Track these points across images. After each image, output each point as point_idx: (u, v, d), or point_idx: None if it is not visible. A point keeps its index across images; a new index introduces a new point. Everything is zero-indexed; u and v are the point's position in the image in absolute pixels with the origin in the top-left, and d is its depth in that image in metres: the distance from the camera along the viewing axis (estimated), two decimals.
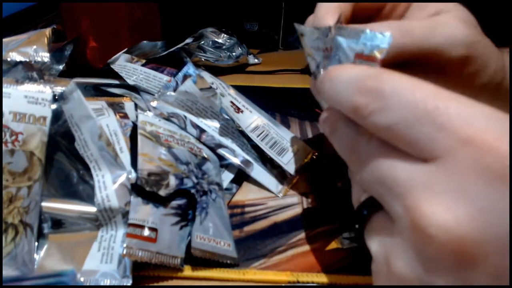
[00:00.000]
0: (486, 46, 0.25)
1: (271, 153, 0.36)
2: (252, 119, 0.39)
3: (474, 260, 0.14)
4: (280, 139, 0.38)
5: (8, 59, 0.37)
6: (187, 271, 0.27)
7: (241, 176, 0.35)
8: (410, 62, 0.24)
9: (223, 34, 0.54)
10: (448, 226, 0.14)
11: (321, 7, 0.26)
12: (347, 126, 0.20)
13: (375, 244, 0.18)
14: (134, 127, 0.33)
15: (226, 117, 0.38)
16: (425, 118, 0.15)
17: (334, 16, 0.25)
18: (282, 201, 0.33)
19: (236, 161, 0.35)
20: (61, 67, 0.40)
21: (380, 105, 0.17)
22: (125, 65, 0.44)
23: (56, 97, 0.31)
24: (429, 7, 0.25)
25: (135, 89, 0.41)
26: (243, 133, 0.37)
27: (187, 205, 0.29)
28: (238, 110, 0.40)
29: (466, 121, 0.15)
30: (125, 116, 0.35)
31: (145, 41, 0.47)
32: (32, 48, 0.38)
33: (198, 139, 0.35)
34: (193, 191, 0.29)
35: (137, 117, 0.33)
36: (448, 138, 0.15)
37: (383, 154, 0.17)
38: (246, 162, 0.35)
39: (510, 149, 0.12)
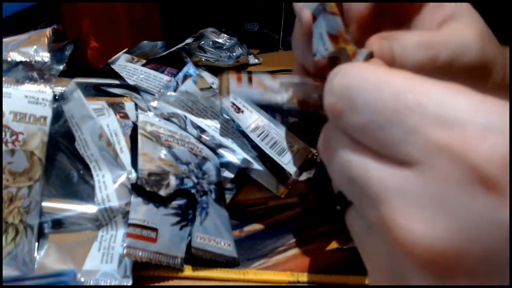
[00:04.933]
0: (494, 49, 0.25)
1: (271, 153, 0.36)
2: (253, 119, 0.39)
3: (455, 273, 0.13)
4: (280, 139, 0.38)
5: (9, 59, 0.37)
6: (187, 271, 0.27)
7: (241, 176, 0.35)
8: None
9: (223, 34, 0.54)
10: (426, 243, 0.13)
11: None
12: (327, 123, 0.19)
13: (354, 236, 0.17)
14: (135, 127, 0.33)
15: (227, 117, 0.38)
16: (395, 119, 0.14)
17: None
18: (282, 201, 0.33)
19: (236, 161, 0.35)
20: (61, 67, 0.40)
21: (348, 105, 0.15)
22: (125, 65, 0.44)
23: (57, 97, 0.31)
24: (445, 7, 0.25)
25: (135, 89, 0.41)
26: (243, 133, 0.37)
27: (187, 205, 0.29)
28: (238, 110, 0.40)
29: (442, 120, 0.13)
30: (126, 116, 0.35)
31: (145, 41, 0.47)
32: (32, 48, 0.38)
33: (199, 139, 0.35)
34: (193, 191, 0.29)
35: (137, 117, 0.33)
36: (422, 144, 0.13)
37: (356, 152, 0.15)
38: (246, 162, 0.35)
39: (510, 151, 0.12)
